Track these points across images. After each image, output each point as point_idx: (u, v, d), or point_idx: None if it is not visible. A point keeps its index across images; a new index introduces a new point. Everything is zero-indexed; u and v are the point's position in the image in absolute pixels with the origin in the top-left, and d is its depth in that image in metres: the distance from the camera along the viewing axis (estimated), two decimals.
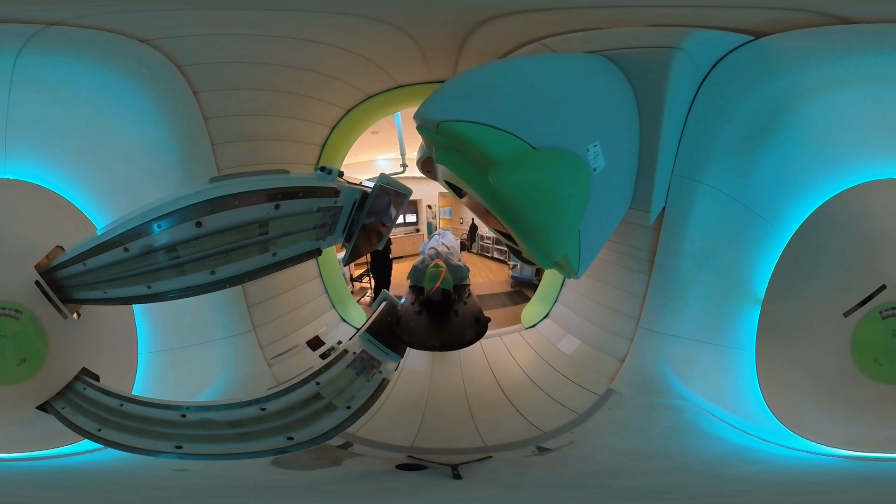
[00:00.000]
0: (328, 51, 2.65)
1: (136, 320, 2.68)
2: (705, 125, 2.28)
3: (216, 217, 1.79)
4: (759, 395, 2.60)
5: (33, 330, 2.26)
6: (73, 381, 2.29)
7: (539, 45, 2.34)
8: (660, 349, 2.81)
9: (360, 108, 3.31)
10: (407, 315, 2.87)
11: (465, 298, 3.30)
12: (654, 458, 2.39)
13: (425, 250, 4.22)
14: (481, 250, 9.91)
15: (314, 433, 2.08)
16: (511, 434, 2.78)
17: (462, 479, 2.19)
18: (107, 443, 2.05)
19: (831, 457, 2.38)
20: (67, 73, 2.30)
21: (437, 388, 3.32)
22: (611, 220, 2.15)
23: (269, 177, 1.95)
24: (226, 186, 1.84)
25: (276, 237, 1.93)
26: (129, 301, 1.95)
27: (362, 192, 2.20)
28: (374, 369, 2.31)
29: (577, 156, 1.64)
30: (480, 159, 1.60)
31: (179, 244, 1.79)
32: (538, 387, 3.21)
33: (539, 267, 2.25)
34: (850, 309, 2.39)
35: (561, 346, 3.47)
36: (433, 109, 1.64)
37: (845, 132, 2.32)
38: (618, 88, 1.98)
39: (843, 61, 2.17)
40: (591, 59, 2.02)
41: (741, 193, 2.46)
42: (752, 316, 2.60)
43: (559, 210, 1.61)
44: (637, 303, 2.86)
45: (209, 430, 2.05)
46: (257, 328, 3.10)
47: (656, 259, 2.66)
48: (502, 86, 1.73)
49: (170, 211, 1.77)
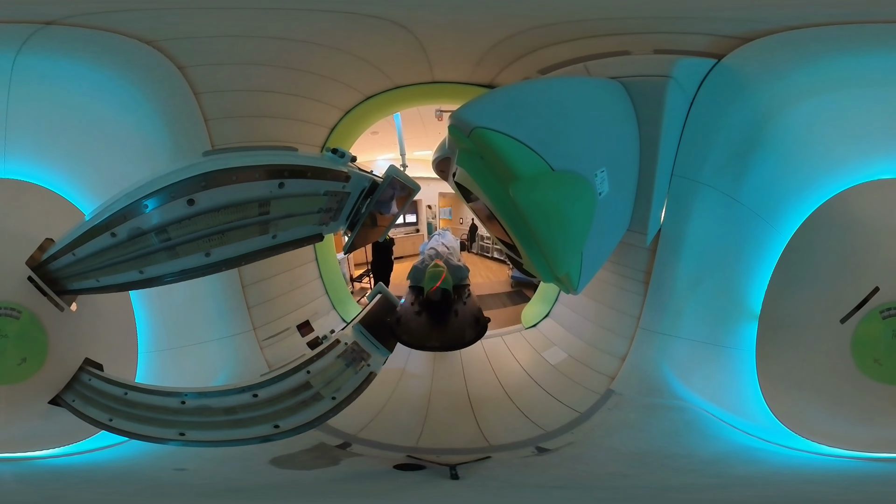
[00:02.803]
0: (328, 51, 2.65)
1: (136, 320, 2.68)
2: (695, 148, 2.37)
3: (210, 194, 1.64)
4: (759, 395, 2.60)
5: (33, 330, 2.26)
6: (78, 372, 2.29)
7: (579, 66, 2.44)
8: (660, 349, 2.80)
9: (359, 109, 3.31)
10: (407, 315, 2.86)
11: (465, 298, 3.29)
12: (654, 459, 2.39)
13: (425, 250, 4.22)
14: (481, 250, 9.90)
15: (298, 422, 2.08)
16: (511, 434, 2.78)
17: (459, 480, 2.19)
18: (119, 432, 2.07)
19: (832, 457, 2.38)
20: (66, 72, 2.30)
21: (438, 387, 3.32)
22: (610, 241, 2.27)
23: (275, 153, 1.84)
24: (221, 160, 1.70)
25: (278, 218, 1.82)
26: (123, 288, 1.87)
27: (372, 181, 2.12)
28: (363, 362, 2.30)
29: (587, 181, 1.76)
30: (503, 170, 1.67)
31: (170, 225, 1.66)
32: (539, 386, 3.20)
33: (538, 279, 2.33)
34: (846, 315, 2.40)
35: (546, 355, 3.48)
36: (471, 114, 1.69)
37: (816, 145, 2.37)
38: (626, 116, 2.09)
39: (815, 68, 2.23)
40: (610, 85, 2.12)
41: (730, 217, 2.53)
42: (750, 329, 2.62)
43: (568, 230, 1.72)
44: (637, 301, 2.86)
45: (206, 417, 2.05)
46: (257, 329, 3.10)
47: (654, 270, 2.71)
48: (536, 105, 1.81)
49: (157, 189, 1.63)
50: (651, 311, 2.79)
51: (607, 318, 3.15)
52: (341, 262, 4.27)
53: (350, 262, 7.32)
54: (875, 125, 2.30)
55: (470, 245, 10.07)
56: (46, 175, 2.46)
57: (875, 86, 2.23)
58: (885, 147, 2.35)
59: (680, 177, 2.42)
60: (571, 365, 3.27)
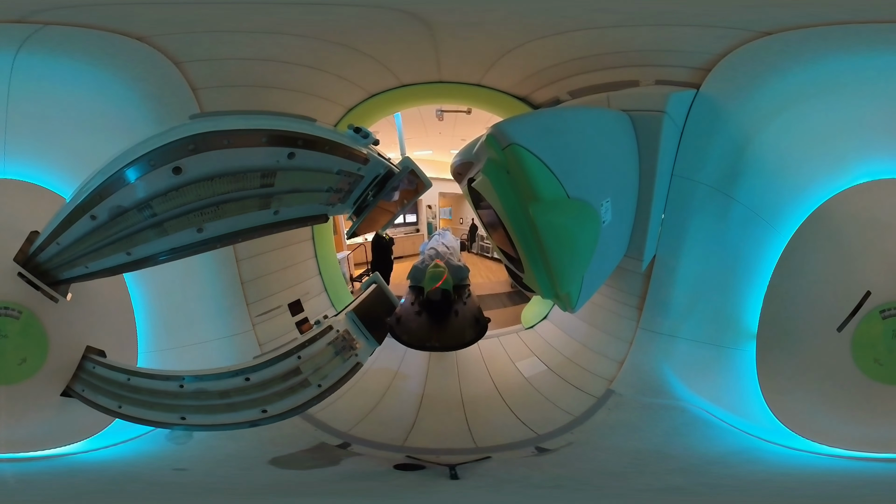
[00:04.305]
0: (329, 48, 2.65)
1: (136, 321, 2.68)
2: (686, 177, 2.49)
3: (200, 160, 1.43)
4: (759, 396, 2.60)
5: (34, 329, 2.26)
6: (82, 361, 2.29)
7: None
8: (660, 350, 2.81)
9: (361, 107, 3.31)
10: (407, 315, 2.86)
11: (465, 299, 3.29)
12: (655, 458, 2.39)
13: (425, 250, 4.22)
14: (481, 250, 9.89)
15: (285, 408, 2.06)
16: (509, 434, 2.78)
17: (459, 480, 2.19)
18: (128, 418, 2.08)
19: (832, 457, 2.38)
20: (66, 72, 2.30)
21: (435, 386, 3.32)
22: (609, 266, 2.43)
23: (290, 120, 1.65)
24: (212, 122, 1.50)
25: (283, 193, 1.65)
26: (114, 272, 1.74)
27: (388, 169, 2.03)
28: (352, 351, 2.28)
29: (595, 210, 1.91)
30: (526, 189, 1.78)
31: (154, 198, 1.47)
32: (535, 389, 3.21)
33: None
34: (842, 323, 2.41)
35: (521, 365, 3.48)
36: (513, 130, 1.78)
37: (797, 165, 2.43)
38: (631, 149, 2.25)
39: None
40: (621, 118, 2.26)
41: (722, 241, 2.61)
42: (749, 351, 2.64)
43: (575, 254, 1.86)
44: (636, 302, 2.87)
45: (203, 401, 2.04)
46: (256, 327, 3.10)
47: (650, 286, 2.77)
48: (565, 134, 1.93)
49: (135, 158, 1.43)
50: (652, 301, 2.80)
51: (607, 320, 3.15)
52: (341, 262, 4.26)
53: (350, 262, 7.33)
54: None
55: (470, 245, 10.07)
56: (46, 175, 2.46)
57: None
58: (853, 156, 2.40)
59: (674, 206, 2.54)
60: (571, 365, 3.27)
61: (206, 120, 1.50)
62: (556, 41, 2.53)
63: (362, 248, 8.37)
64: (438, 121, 5.92)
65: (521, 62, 2.82)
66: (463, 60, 2.89)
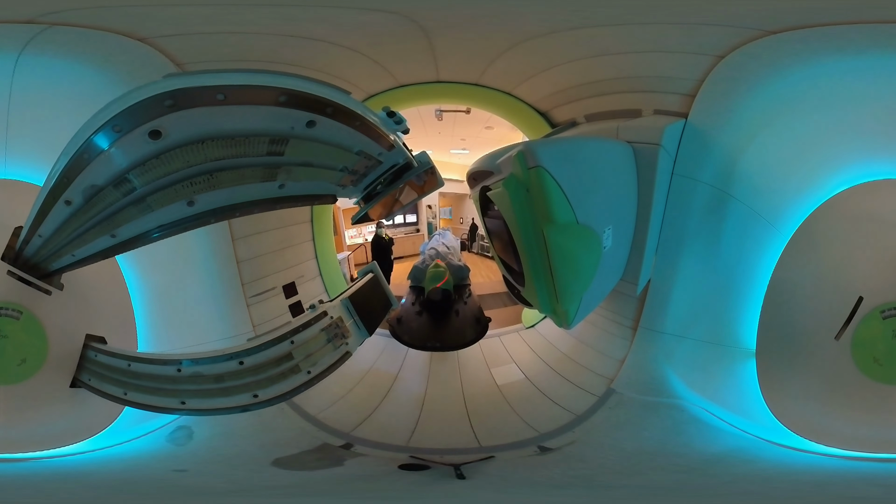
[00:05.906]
0: (330, 48, 2.65)
1: (136, 321, 2.67)
2: (679, 204, 2.60)
3: (184, 119, 1.19)
4: (759, 395, 2.60)
5: (34, 329, 2.25)
6: (84, 350, 2.28)
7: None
8: (659, 349, 2.81)
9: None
10: (408, 315, 2.87)
11: (466, 298, 3.30)
12: (655, 458, 2.39)
13: (426, 250, 4.23)
14: (481, 250, 9.90)
15: (274, 393, 2.04)
16: (512, 434, 2.79)
17: (465, 479, 2.19)
18: (134, 405, 2.08)
19: (832, 457, 2.38)
20: (67, 73, 2.29)
21: (438, 387, 3.32)
22: (605, 289, 2.58)
23: (321, 86, 1.41)
24: (199, 77, 1.22)
25: (293, 164, 1.47)
26: (101, 257, 1.62)
27: (407, 161, 1.95)
28: (344, 339, 2.26)
29: (598, 237, 2.08)
30: (542, 210, 1.91)
31: (131, 170, 1.27)
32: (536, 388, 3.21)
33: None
34: (839, 331, 2.41)
35: (496, 372, 3.48)
36: (542, 153, 1.91)
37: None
38: (631, 178, 2.40)
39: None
40: (626, 150, 2.40)
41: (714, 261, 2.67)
42: (749, 368, 2.63)
43: (578, 275, 2.02)
44: (635, 305, 2.87)
45: (200, 385, 2.01)
46: (256, 327, 3.10)
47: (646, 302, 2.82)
48: (582, 163, 2.09)
49: (97, 126, 1.20)
50: (651, 302, 2.82)
51: (606, 321, 3.16)
52: (342, 263, 4.26)
53: (350, 262, 7.32)
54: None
55: (470, 245, 10.07)
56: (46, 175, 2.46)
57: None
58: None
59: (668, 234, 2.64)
60: (571, 365, 3.27)
61: (190, 76, 1.23)
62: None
63: (362, 249, 8.37)
64: (438, 120, 5.91)
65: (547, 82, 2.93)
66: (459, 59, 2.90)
